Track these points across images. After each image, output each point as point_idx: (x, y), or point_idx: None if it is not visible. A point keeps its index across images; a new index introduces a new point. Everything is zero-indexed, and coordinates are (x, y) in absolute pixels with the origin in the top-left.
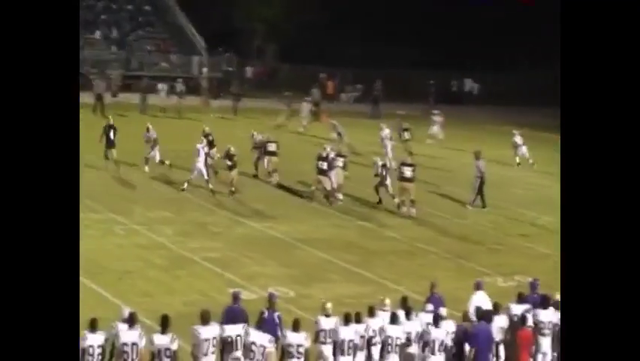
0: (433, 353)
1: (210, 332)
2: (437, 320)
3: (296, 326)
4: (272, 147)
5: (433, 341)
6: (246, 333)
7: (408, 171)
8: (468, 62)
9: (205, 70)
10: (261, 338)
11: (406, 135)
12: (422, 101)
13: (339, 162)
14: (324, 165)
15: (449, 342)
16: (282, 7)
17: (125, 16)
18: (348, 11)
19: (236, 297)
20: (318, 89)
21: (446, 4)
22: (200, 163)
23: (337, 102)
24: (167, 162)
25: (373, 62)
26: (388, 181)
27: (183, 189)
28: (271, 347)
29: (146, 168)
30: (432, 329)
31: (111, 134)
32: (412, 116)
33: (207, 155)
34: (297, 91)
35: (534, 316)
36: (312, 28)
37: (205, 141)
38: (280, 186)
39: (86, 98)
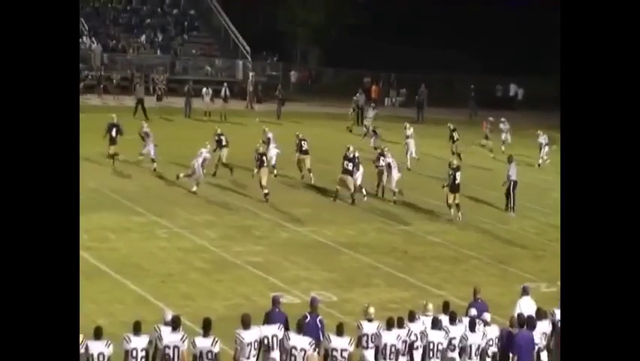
0: (470, 358)
1: (252, 335)
2: (473, 325)
3: (340, 331)
4: (305, 146)
5: (470, 346)
6: (287, 338)
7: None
8: (512, 66)
9: (252, 74)
10: (301, 342)
11: (455, 136)
12: (466, 106)
13: (393, 162)
14: (350, 165)
15: (494, 348)
16: (325, 11)
17: (170, 21)
18: (392, 15)
19: (276, 301)
20: (362, 93)
21: (492, 7)
22: (197, 163)
23: (381, 107)
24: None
25: (418, 66)
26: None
27: (178, 178)
28: (312, 351)
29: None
30: (469, 334)
31: (113, 132)
32: (457, 120)
33: (204, 160)
34: (341, 95)
35: None
36: (355, 31)
37: (210, 144)
38: (324, 191)
39: (129, 101)
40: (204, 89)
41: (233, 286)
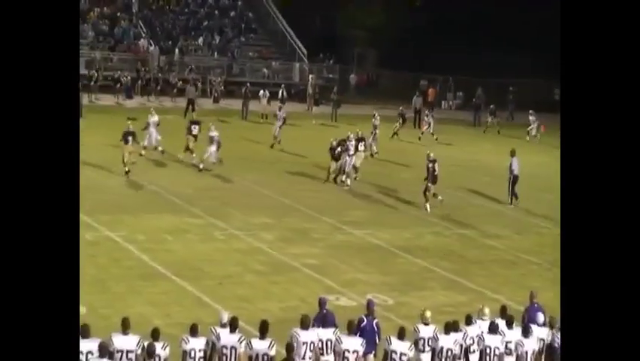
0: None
1: (309, 336)
2: (527, 330)
3: (402, 335)
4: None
5: (526, 353)
6: (339, 341)
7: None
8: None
9: (311, 77)
10: (353, 344)
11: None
12: (521, 109)
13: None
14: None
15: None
16: (383, 13)
17: (228, 23)
18: (449, 17)
19: (323, 303)
20: (420, 96)
21: (547, 10)
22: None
23: (438, 109)
24: None
25: (475, 69)
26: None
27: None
28: (363, 351)
29: None
30: (523, 339)
31: (130, 140)
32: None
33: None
34: (397, 98)
35: None
36: (412, 34)
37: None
38: (380, 193)
39: (180, 102)
40: (261, 92)
41: (290, 288)
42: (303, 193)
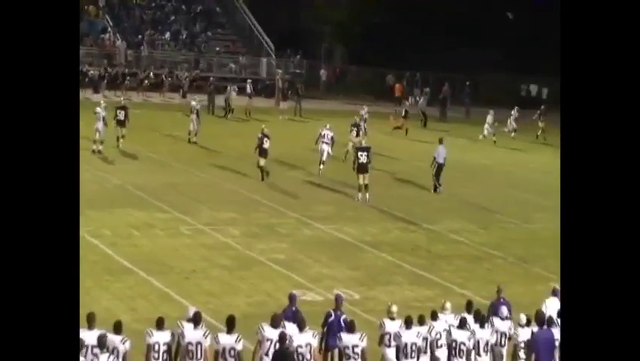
0: (478, 353)
1: (275, 334)
2: (484, 321)
3: (351, 327)
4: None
5: (478, 342)
6: (290, 340)
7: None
8: (535, 66)
9: (280, 72)
10: (305, 338)
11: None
12: (493, 105)
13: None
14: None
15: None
16: (350, 9)
17: (195, 18)
18: (416, 13)
19: (293, 299)
20: (425, 99)
21: (513, 5)
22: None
23: (405, 105)
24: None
25: (441, 64)
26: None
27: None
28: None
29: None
30: (478, 329)
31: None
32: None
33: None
34: (365, 94)
35: None
36: (380, 30)
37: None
38: (347, 188)
39: (155, 99)
40: (229, 86)
41: (256, 283)
42: (270, 188)
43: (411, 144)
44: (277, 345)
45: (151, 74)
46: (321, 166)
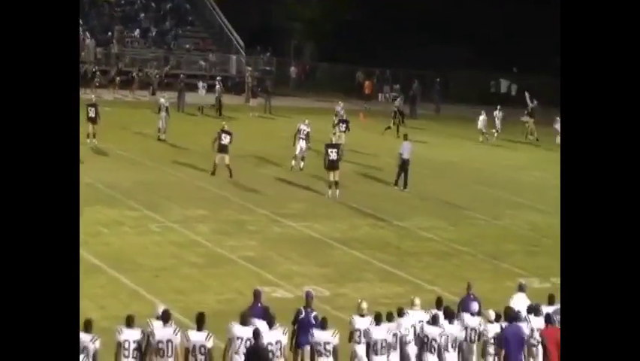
0: (447, 349)
1: (245, 332)
2: (452, 316)
3: (323, 324)
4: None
5: (447, 338)
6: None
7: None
8: (505, 62)
9: (249, 69)
10: (275, 336)
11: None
12: (462, 102)
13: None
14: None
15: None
16: (321, 6)
17: (165, 15)
18: (387, 10)
19: (258, 295)
20: (402, 99)
21: (483, 2)
22: None
23: (375, 102)
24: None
25: (412, 62)
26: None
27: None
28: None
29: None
30: (447, 325)
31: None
32: (453, 116)
33: None
34: (335, 91)
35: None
36: (351, 27)
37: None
38: (318, 186)
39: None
40: (200, 83)
41: (226, 281)
42: (240, 185)
43: (381, 141)
44: (252, 341)
45: (120, 71)
46: (294, 162)
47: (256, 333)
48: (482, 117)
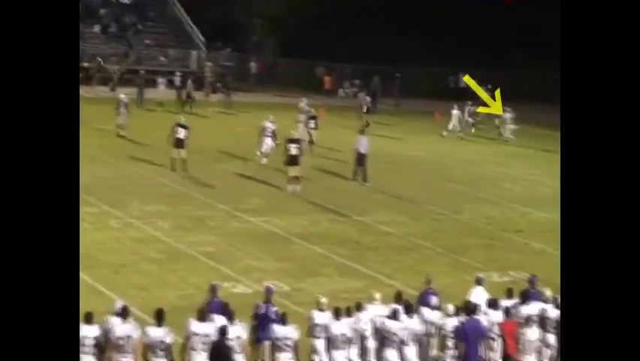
0: (406, 343)
1: (203, 328)
2: (411, 311)
3: (283, 319)
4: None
5: (407, 332)
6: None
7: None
8: (465, 58)
9: (209, 65)
10: (236, 331)
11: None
12: (422, 97)
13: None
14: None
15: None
16: (281, 2)
17: (124, 10)
18: (347, 6)
19: (214, 290)
20: (366, 94)
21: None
22: None
23: (335, 97)
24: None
25: (372, 57)
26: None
27: None
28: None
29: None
30: (406, 319)
31: None
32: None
33: None
34: (295, 87)
35: (517, 310)
36: (311, 22)
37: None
38: (276, 181)
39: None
40: (159, 79)
41: (186, 277)
42: (199, 181)
43: (342, 136)
44: (210, 337)
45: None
46: (259, 153)
47: (222, 330)
48: (455, 112)
